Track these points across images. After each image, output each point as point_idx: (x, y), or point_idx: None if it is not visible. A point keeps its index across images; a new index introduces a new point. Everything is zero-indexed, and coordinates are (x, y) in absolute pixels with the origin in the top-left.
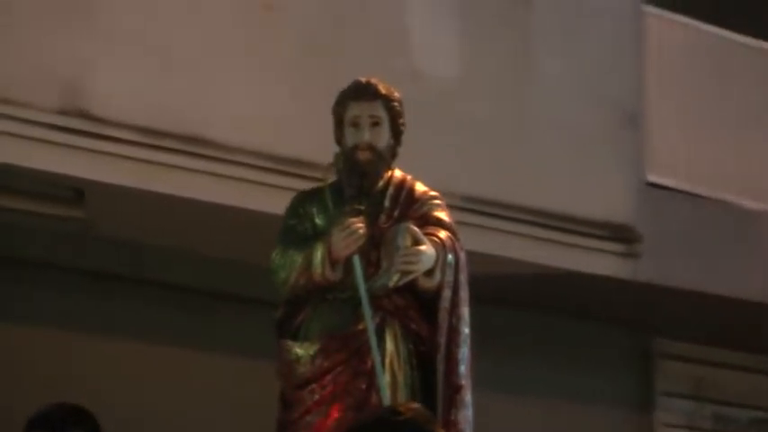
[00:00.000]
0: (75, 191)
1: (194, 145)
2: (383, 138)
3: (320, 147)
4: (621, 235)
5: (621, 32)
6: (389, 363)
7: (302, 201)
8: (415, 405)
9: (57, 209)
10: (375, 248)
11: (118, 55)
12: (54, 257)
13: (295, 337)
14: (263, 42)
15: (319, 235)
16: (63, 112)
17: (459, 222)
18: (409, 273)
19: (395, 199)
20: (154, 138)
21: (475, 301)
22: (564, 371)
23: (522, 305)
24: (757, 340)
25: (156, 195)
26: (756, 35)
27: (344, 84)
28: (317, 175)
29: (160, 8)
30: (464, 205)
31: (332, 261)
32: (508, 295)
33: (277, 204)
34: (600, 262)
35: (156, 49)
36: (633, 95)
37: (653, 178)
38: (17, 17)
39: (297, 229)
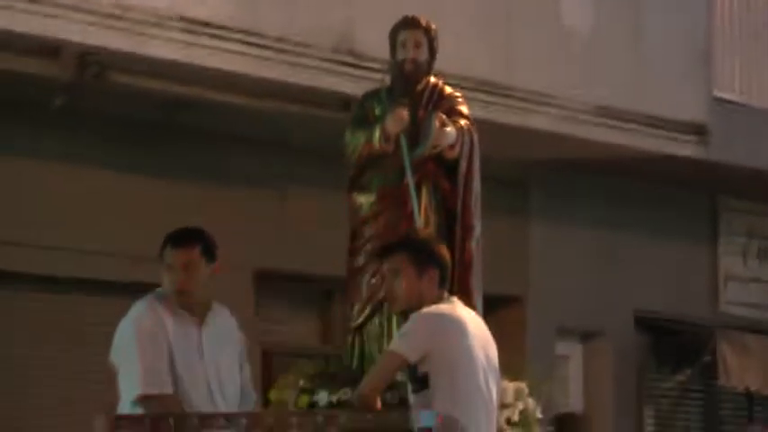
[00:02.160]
0: (343, 102)
1: None
2: (422, 55)
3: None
4: (697, 130)
5: (694, 5)
6: (424, 208)
7: (366, 97)
8: (429, 231)
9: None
10: (415, 130)
11: (373, 13)
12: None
13: (361, 190)
14: None
15: (377, 120)
16: (336, 51)
17: (595, 124)
18: (437, 145)
19: (429, 97)
20: None
21: (602, 172)
22: (656, 219)
23: (631, 176)
24: None
25: None
26: None
27: (517, 37)
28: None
29: None
30: (600, 113)
31: (386, 137)
32: (625, 169)
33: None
34: (685, 147)
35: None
36: (706, 37)
37: (718, 94)
38: None
39: (361, 116)
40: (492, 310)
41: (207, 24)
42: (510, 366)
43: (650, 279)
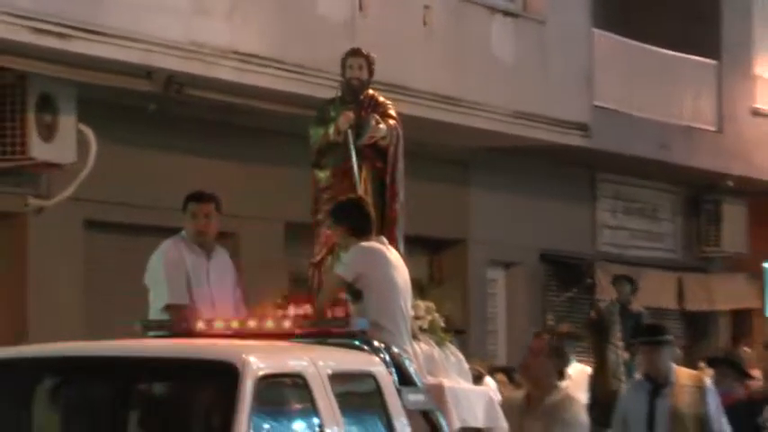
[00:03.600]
0: None
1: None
2: (364, 75)
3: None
4: (582, 127)
5: (580, 44)
6: (363, 180)
7: (325, 104)
8: (366, 197)
9: None
10: (358, 126)
11: (367, 48)
12: None
13: (320, 169)
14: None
15: (332, 120)
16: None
17: (514, 123)
18: (373, 137)
19: (368, 103)
20: None
21: (518, 155)
22: (554, 187)
23: (538, 158)
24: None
25: None
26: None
27: (463, 64)
28: None
29: None
30: (517, 115)
31: (337, 131)
32: (534, 153)
33: None
34: (573, 138)
35: None
36: (588, 64)
37: (597, 103)
38: None
39: (321, 117)
40: (444, 248)
41: (253, 56)
42: (456, 286)
43: (551, 227)
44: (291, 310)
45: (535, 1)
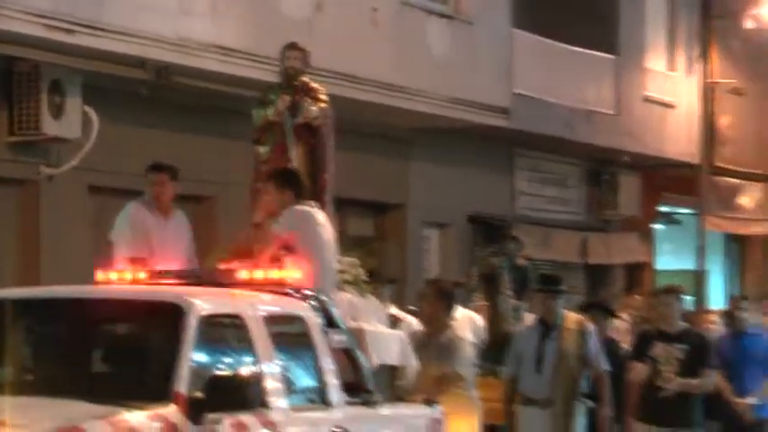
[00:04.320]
0: None
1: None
2: (299, 64)
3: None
4: (503, 111)
5: (502, 41)
6: (298, 154)
7: (267, 89)
8: (295, 166)
9: None
10: (294, 108)
11: (324, 44)
12: None
13: (261, 144)
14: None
15: (272, 102)
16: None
17: (449, 107)
18: (307, 117)
19: (303, 89)
20: None
21: (451, 133)
22: (479, 158)
23: (464, 135)
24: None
25: None
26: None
27: (406, 58)
28: None
29: None
30: (451, 100)
31: (276, 113)
32: (464, 132)
33: None
34: (496, 120)
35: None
36: (509, 57)
37: (516, 90)
38: None
39: (263, 100)
40: (387, 211)
41: (231, 49)
42: (396, 243)
43: (477, 194)
44: (235, 264)
45: (465, 5)
